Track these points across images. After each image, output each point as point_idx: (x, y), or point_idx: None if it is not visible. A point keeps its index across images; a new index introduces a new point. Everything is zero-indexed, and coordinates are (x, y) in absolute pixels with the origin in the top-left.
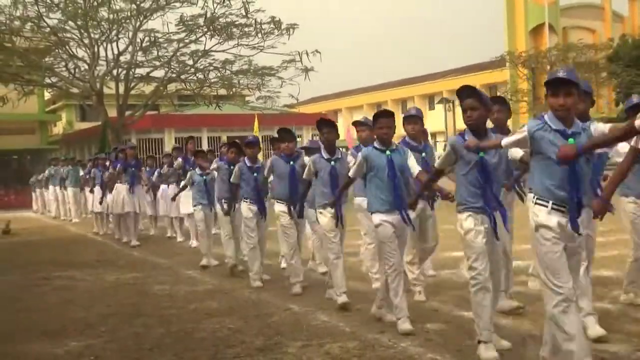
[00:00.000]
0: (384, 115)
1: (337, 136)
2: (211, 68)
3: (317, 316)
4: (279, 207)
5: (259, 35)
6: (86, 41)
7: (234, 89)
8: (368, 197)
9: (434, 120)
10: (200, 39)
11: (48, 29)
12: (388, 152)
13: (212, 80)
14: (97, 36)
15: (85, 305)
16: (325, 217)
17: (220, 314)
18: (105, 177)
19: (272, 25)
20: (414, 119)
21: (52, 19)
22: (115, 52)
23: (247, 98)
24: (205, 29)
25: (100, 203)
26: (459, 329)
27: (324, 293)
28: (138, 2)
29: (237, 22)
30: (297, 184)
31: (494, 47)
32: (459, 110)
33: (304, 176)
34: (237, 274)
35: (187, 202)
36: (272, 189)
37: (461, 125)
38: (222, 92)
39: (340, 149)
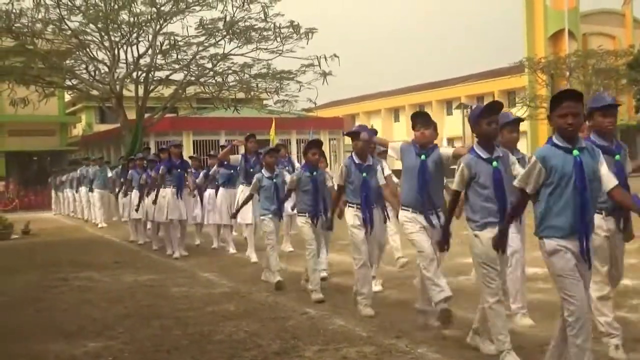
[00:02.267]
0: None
1: (321, 157)
2: (230, 71)
3: (333, 320)
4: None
5: (278, 39)
6: (106, 44)
7: (252, 93)
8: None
9: (452, 125)
10: (219, 43)
11: (69, 32)
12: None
13: (231, 84)
14: (117, 39)
15: (103, 307)
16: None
17: (237, 317)
18: (142, 179)
19: (290, 30)
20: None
21: (74, 21)
22: (135, 55)
23: (265, 101)
24: (225, 33)
25: (137, 210)
26: None
27: (340, 297)
28: (158, 6)
29: (256, 26)
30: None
31: (513, 52)
32: None
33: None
34: (283, 286)
35: (246, 210)
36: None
37: None
38: (241, 95)
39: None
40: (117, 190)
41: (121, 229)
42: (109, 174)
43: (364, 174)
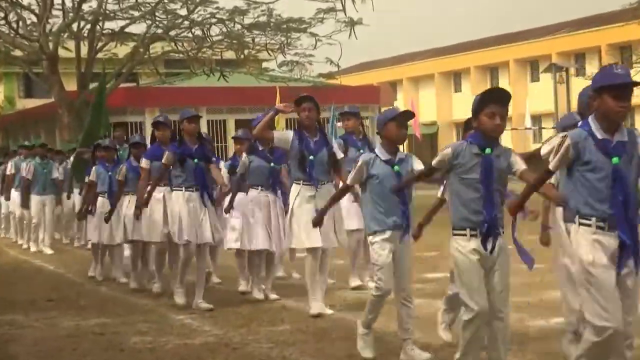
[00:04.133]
0: None
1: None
2: (213, 20)
3: None
4: None
5: None
6: None
7: (246, 51)
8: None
9: (539, 96)
10: None
11: None
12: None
13: (215, 39)
14: None
15: None
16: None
17: None
18: (120, 174)
19: None
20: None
21: None
22: None
23: (264, 64)
24: None
25: (107, 219)
26: None
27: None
28: None
29: None
30: None
31: None
32: (574, 82)
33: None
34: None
35: (352, 212)
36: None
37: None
38: (230, 55)
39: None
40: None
41: (65, 252)
42: (55, 174)
43: (395, 169)
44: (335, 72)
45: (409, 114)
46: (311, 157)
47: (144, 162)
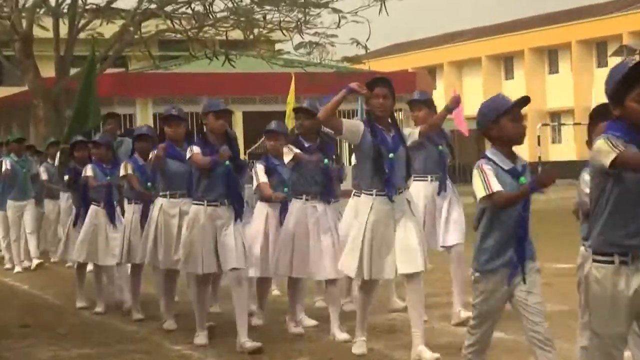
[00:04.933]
0: None
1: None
2: None
3: None
4: None
5: None
6: None
7: (256, 31)
8: None
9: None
10: None
11: None
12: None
13: (219, 15)
14: None
15: None
16: None
17: None
18: (119, 179)
19: None
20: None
21: None
22: None
23: (278, 46)
24: None
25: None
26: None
27: None
28: None
29: None
30: None
31: None
32: None
33: None
34: None
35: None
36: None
37: None
38: (237, 35)
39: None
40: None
41: (42, 270)
42: (42, 175)
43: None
44: (362, 55)
45: (525, 100)
46: (391, 156)
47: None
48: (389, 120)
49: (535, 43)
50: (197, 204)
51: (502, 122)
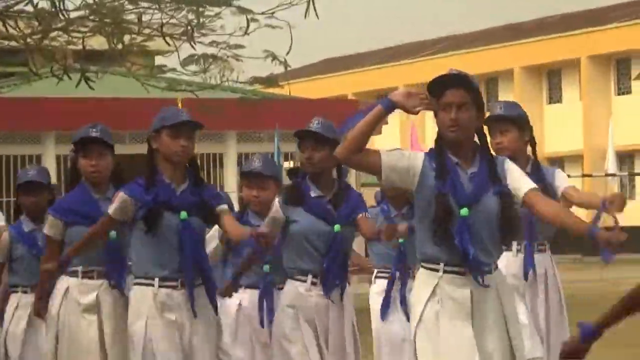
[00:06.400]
0: None
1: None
2: None
3: None
4: None
5: None
6: None
7: (126, 38)
8: None
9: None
10: None
11: None
12: None
13: (73, 16)
14: None
15: None
16: None
17: None
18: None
19: None
20: None
21: None
22: None
23: (158, 61)
24: None
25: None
26: None
27: None
28: None
29: None
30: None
31: None
32: None
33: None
34: None
35: None
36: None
37: None
38: (98, 44)
39: None
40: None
41: None
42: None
43: None
44: (280, 74)
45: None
46: (463, 212)
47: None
48: (473, 147)
49: (523, 62)
50: (140, 284)
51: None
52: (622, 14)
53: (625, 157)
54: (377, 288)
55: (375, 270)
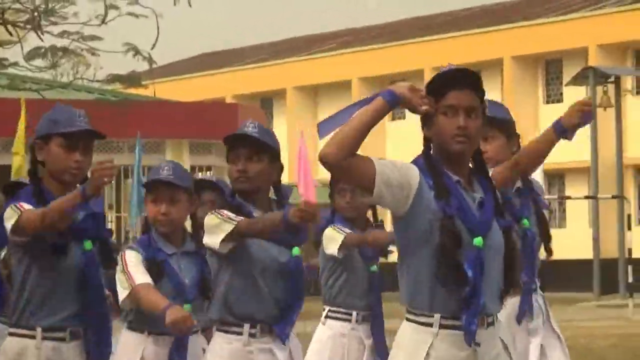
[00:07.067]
0: None
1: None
2: None
3: None
4: None
5: None
6: None
7: None
8: None
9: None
10: None
11: None
12: None
13: None
14: None
15: None
16: None
17: None
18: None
19: None
20: None
21: None
22: None
23: None
24: None
25: None
26: None
27: None
28: None
29: None
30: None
31: None
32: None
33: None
34: None
35: None
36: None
37: None
38: None
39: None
40: None
41: None
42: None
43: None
44: (144, 72)
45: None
46: (477, 241)
47: None
48: (473, 165)
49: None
50: (18, 336)
51: None
52: (554, 7)
53: (554, 178)
54: (329, 331)
55: (327, 309)
